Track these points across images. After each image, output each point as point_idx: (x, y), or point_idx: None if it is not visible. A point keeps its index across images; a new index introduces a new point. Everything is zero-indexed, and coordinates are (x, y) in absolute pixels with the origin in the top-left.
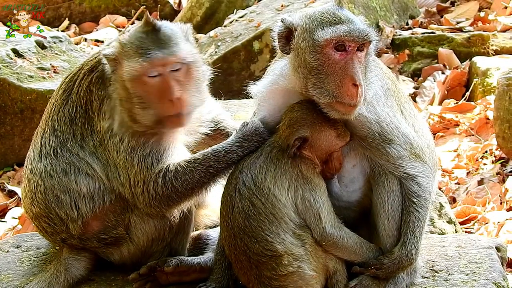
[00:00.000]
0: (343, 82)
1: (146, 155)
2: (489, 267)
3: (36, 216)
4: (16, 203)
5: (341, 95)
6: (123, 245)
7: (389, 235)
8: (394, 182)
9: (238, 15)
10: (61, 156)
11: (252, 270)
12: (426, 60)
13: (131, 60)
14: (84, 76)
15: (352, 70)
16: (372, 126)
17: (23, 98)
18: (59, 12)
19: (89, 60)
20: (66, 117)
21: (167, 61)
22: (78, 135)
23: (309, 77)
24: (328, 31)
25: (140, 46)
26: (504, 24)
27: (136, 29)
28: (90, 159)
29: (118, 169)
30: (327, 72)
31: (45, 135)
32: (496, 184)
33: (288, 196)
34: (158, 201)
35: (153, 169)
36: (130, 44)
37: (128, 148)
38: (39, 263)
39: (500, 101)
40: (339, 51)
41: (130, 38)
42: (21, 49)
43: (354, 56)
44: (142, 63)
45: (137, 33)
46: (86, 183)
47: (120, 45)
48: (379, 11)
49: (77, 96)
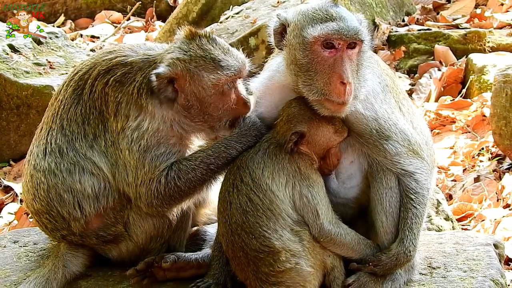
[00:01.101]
0: (331, 80)
1: (158, 155)
2: (487, 264)
3: (37, 212)
4: (12, 198)
5: (329, 92)
6: (121, 242)
7: (387, 232)
8: (392, 179)
9: (234, 11)
10: (66, 156)
11: (250, 266)
12: (422, 57)
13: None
14: (98, 77)
15: (341, 68)
16: (369, 123)
17: (19, 93)
18: (54, 8)
19: (103, 60)
20: (78, 118)
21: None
22: (90, 135)
23: (299, 74)
24: (317, 28)
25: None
26: (500, 21)
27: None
28: (97, 158)
29: (127, 169)
30: (316, 69)
31: (52, 132)
32: (492, 181)
33: (285, 192)
34: (160, 200)
35: (159, 168)
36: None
37: (143, 147)
38: (36, 258)
39: (496, 98)
40: (328, 49)
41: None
42: (17, 44)
43: (343, 54)
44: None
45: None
46: (91, 183)
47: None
48: (375, 7)
49: (90, 97)
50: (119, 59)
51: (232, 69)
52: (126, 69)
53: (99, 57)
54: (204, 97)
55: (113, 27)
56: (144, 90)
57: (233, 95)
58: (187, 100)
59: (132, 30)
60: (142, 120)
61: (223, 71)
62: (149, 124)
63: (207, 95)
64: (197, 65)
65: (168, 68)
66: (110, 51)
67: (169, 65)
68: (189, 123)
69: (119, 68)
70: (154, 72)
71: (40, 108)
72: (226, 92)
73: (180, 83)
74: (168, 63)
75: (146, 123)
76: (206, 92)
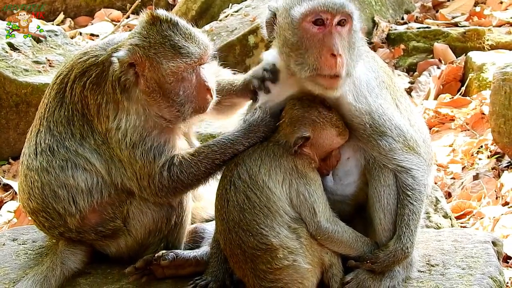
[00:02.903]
0: (322, 53)
1: (148, 150)
2: (485, 261)
3: (34, 211)
4: (11, 196)
5: (321, 66)
6: (120, 237)
7: (385, 229)
8: (390, 176)
9: (233, 9)
10: (57, 153)
11: (247, 264)
12: (422, 55)
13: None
14: (76, 80)
15: (330, 41)
16: (362, 116)
17: (18, 91)
18: (54, 6)
19: (78, 62)
20: (63, 119)
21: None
22: (77, 135)
23: (290, 54)
24: (304, 5)
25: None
26: (499, 19)
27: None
28: (89, 154)
29: (124, 165)
30: (306, 46)
31: (40, 134)
32: (491, 179)
33: (282, 189)
34: (165, 192)
35: (156, 163)
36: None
37: (130, 144)
38: (35, 256)
39: (496, 96)
40: (318, 25)
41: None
42: (17, 42)
43: (332, 29)
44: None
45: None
46: (84, 178)
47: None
48: (375, 5)
49: (72, 101)
50: (91, 60)
51: (192, 56)
52: (99, 69)
53: (75, 59)
54: (163, 83)
55: (112, 25)
56: (117, 85)
57: (194, 81)
58: (148, 86)
59: (131, 28)
60: (120, 119)
61: (182, 58)
62: (126, 122)
63: (166, 82)
64: (156, 52)
65: (128, 53)
66: (84, 52)
67: (129, 50)
68: (157, 110)
69: (93, 69)
70: (115, 55)
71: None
72: (186, 79)
73: (140, 68)
74: (128, 49)
75: (123, 121)
76: (165, 79)
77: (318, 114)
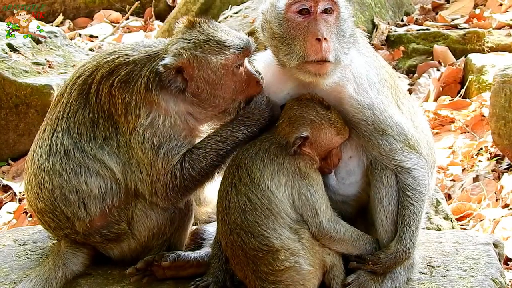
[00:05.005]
0: (307, 39)
1: (170, 149)
2: (486, 263)
3: (40, 211)
4: (11, 197)
5: (307, 52)
6: (124, 240)
7: (387, 231)
8: (392, 177)
9: (233, 11)
10: (72, 157)
11: (249, 265)
12: (421, 57)
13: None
14: (103, 80)
15: (315, 27)
16: (365, 111)
17: (18, 92)
18: (53, 7)
19: (105, 62)
20: (86, 121)
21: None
22: (100, 137)
23: (279, 46)
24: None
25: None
26: (499, 21)
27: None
28: (107, 158)
29: (140, 167)
30: (292, 35)
31: (58, 134)
32: (491, 181)
33: (284, 192)
34: (175, 192)
35: (171, 162)
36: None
37: (156, 144)
38: (36, 257)
39: (495, 98)
40: (303, 15)
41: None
42: (16, 43)
43: (317, 16)
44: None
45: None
46: (98, 184)
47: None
48: (374, 7)
49: (97, 102)
50: (121, 59)
51: (238, 47)
52: (130, 67)
53: (100, 59)
54: (214, 79)
55: (111, 27)
56: (153, 85)
57: (243, 74)
58: (197, 87)
59: (130, 29)
60: (156, 117)
61: (229, 50)
62: (164, 121)
63: (217, 77)
64: (203, 50)
65: (174, 58)
66: (110, 52)
67: (175, 55)
68: (201, 111)
69: (123, 68)
70: (161, 63)
71: (39, 107)
72: (236, 72)
73: (188, 71)
74: (173, 54)
75: (160, 120)
76: (216, 75)
77: (316, 114)
